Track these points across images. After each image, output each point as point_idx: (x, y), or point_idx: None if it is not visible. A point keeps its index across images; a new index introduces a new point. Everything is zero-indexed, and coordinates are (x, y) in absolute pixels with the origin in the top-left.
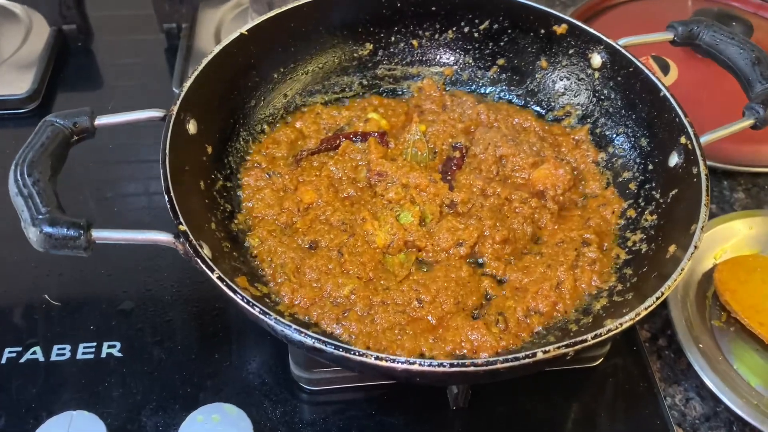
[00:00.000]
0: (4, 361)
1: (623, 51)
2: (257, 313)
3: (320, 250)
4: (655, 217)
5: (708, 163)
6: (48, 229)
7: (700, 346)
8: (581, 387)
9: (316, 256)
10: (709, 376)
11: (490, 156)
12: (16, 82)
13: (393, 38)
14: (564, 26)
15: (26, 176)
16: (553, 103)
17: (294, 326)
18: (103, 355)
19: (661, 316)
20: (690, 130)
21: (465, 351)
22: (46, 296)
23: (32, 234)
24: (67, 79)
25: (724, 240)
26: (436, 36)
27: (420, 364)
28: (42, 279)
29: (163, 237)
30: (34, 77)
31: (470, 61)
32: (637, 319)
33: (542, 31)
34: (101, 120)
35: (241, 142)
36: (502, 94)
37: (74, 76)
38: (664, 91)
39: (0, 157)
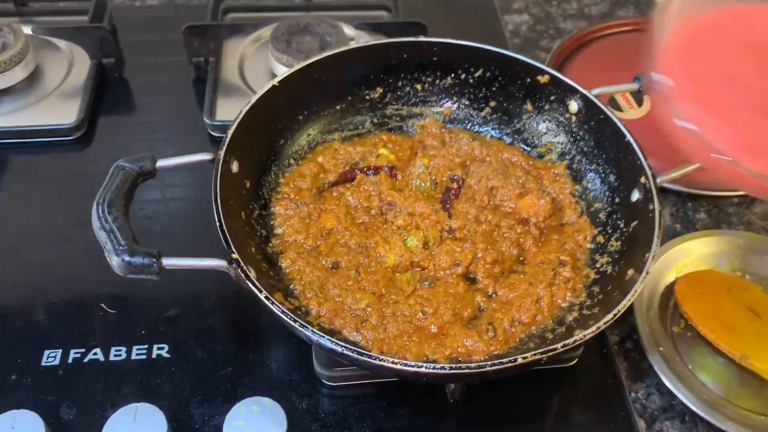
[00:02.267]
0: (70, 360)
1: (595, 100)
2: (297, 326)
3: (341, 270)
4: (619, 243)
5: (675, 187)
6: (128, 258)
7: (661, 349)
8: (560, 383)
9: (338, 275)
10: (667, 375)
11: (483, 187)
12: (63, 112)
13: (400, 83)
14: (546, 77)
15: (107, 213)
16: (536, 141)
17: (327, 336)
18: (154, 356)
19: (628, 322)
20: (648, 172)
21: (461, 355)
22: (103, 305)
23: (115, 262)
24: (105, 107)
25: (686, 256)
26: (437, 81)
27: (426, 367)
28: (99, 290)
29: (219, 263)
30: (79, 107)
31: (466, 103)
32: (598, 331)
33: (528, 79)
34: (161, 163)
35: (273, 176)
36: (493, 132)
37: (112, 104)
38: (629, 137)
39: (54, 180)
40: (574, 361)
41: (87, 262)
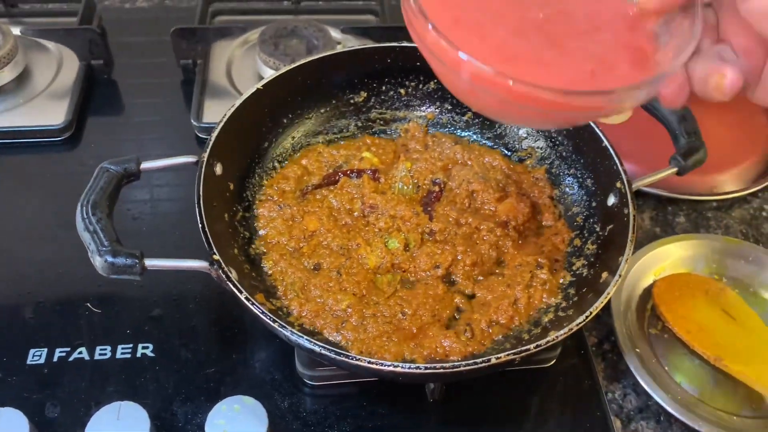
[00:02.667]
0: (56, 359)
1: None
2: (277, 327)
3: (322, 271)
4: (595, 246)
5: (655, 191)
6: (111, 259)
7: (638, 350)
8: (538, 383)
9: (319, 276)
10: (643, 376)
11: (464, 191)
12: (52, 113)
13: (384, 87)
14: None
15: (91, 215)
16: (517, 146)
17: (305, 337)
18: (139, 355)
19: (606, 324)
20: (624, 177)
21: (439, 355)
22: (89, 305)
23: (98, 263)
24: (94, 109)
25: (664, 259)
26: (420, 86)
27: (401, 367)
28: (85, 289)
29: (200, 264)
30: (67, 108)
31: (448, 108)
32: (570, 333)
33: None
34: (146, 165)
35: (257, 178)
36: (475, 136)
37: (100, 105)
38: (605, 142)
39: (42, 180)
40: (552, 362)
41: (74, 262)
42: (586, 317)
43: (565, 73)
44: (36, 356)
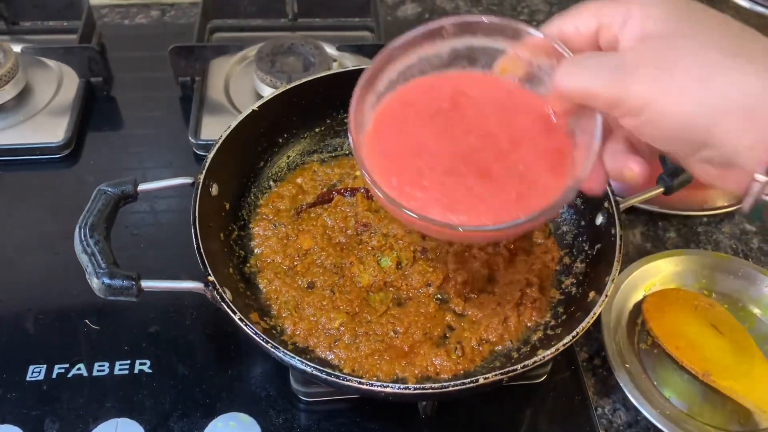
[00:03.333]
0: (54, 375)
1: None
2: (270, 348)
3: (316, 289)
4: (584, 265)
5: (646, 206)
6: (108, 281)
7: (627, 365)
8: (528, 399)
9: (313, 294)
10: (632, 391)
11: None
12: (52, 130)
13: None
14: None
15: (89, 237)
16: None
17: (297, 357)
18: (136, 371)
19: (597, 339)
20: (611, 197)
21: (430, 373)
22: (87, 321)
23: (95, 284)
24: (93, 125)
25: (654, 275)
26: None
27: (391, 387)
28: (84, 306)
29: (195, 285)
30: (67, 126)
31: None
32: (557, 353)
33: None
34: (142, 187)
35: (252, 197)
36: None
37: (99, 122)
38: None
39: (42, 196)
40: (543, 378)
41: (73, 279)
42: (573, 337)
43: (495, 205)
44: (35, 372)
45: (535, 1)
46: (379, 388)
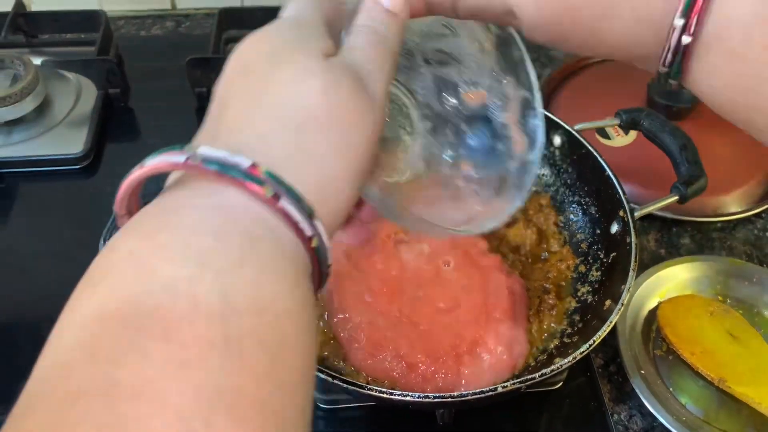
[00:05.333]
0: None
1: (577, 135)
2: None
3: None
4: (599, 273)
5: (661, 213)
6: None
7: (642, 372)
8: (545, 405)
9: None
10: (648, 398)
11: None
12: (71, 141)
13: None
14: None
15: None
16: None
17: (318, 366)
18: None
19: (612, 346)
20: (626, 205)
21: None
22: None
23: None
24: (111, 136)
25: (669, 281)
26: None
27: (411, 396)
28: None
29: None
30: (86, 137)
31: None
32: (574, 361)
33: None
34: None
35: None
36: None
37: (117, 132)
38: (608, 171)
39: (60, 208)
40: (560, 384)
41: None
42: (590, 345)
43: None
44: None
45: None
46: (399, 397)
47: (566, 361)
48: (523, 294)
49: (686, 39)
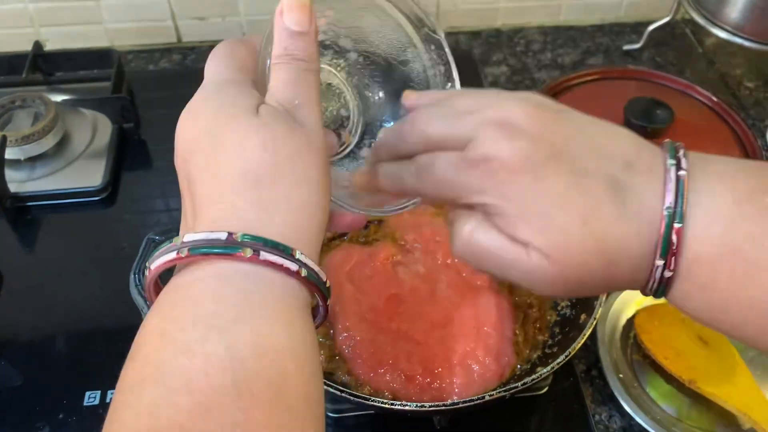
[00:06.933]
0: (108, 400)
1: None
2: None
3: None
4: None
5: None
6: None
7: (621, 376)
8: (533, 409)
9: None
10: (625, 399)
11: None
12: (90, 174)
13: None
14: None
15: (142, 282)
16: None
17: (327, 382)
18: None
19: (594, 352)
20: None
21: None
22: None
23: None
24: (126, 167)
25: None
26: None
27: (409, 406)
28: (129, 337)
29: None
30: (104, 170)
31: None
32: (552, 371)
33: None
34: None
35: None
36: None
37: (132, 164)
38: None
39: (84, 236)
40: (545, 389)
41: (119, 312)
42: (566, 356)
43: None
44: (91, 398)
45: (531, 32)
46: (399, 407)
47: (546, 370)
48: (510, 309)
49: (668, 273)
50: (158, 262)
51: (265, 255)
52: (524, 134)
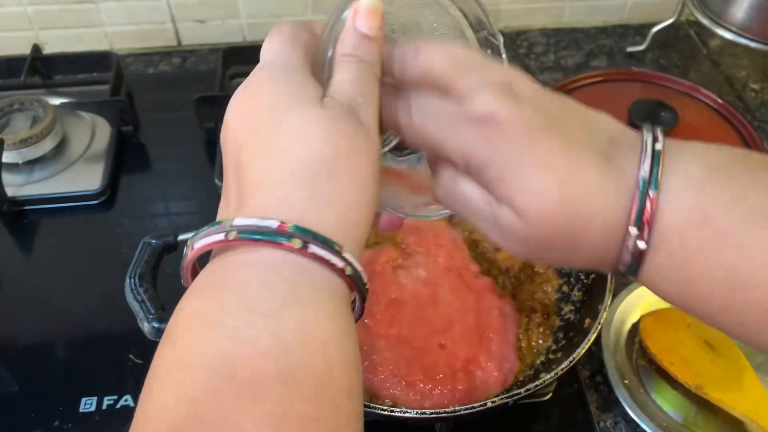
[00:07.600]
0: (104, 407)
1: None
2: None
3: None
4: (580, 293)
5: None
6: (157, 325)
7: (626, 382)
8: (537, 415)
9: None
10: (631, 406)
11: (467, 239)
12: (89, 177)
13: None
14: None
15: (138, 286)
16: None
17: None
18: None
19: (598, 358)
20: None
21: None
22: (131, 356)
23: (146, 328)
24: (125, 171)
25: (650, 296)
26: None
27: (411, 413)
28: (127, 342)
29: None
30: (102, 173)
31: None
32: (556, 376)
33: None
34: (182, 237)
35: None
36: None
37: (131, 167)
38: None
39: (82, 240)
40: (549, 395)
41: (114, 318)
42: (570, 362)
43: None
44: (87, 404)
45: (534, 34)
46: (399, 414)
47: (549, 376)
48: (513, 314)
49: (641, 245)
50: (202, 242)
51: (313, 248)
52: (526, 100)
